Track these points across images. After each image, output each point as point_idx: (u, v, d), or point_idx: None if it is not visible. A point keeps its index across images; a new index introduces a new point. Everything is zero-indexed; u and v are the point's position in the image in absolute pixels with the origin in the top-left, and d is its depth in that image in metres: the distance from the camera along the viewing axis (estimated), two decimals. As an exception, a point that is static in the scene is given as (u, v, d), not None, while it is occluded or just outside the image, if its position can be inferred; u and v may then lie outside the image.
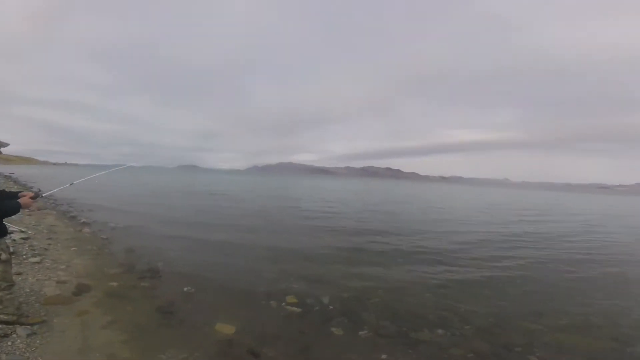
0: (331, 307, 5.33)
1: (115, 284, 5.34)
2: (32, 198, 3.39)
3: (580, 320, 5.47)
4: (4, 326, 3.42)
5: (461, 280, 7.15)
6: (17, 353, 3.10)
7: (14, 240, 6.74)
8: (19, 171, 47.01)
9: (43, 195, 3.71)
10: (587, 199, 79.00)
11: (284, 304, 5.29)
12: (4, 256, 3.47)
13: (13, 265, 5.29)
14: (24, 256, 5.93)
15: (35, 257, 5.97)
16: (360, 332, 4.57)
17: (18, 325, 3.50)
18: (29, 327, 3.55)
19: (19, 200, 3.30)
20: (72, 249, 7.15)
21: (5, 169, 49.06)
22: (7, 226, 3.47)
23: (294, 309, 5.15)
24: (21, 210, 3.35)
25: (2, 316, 3.44)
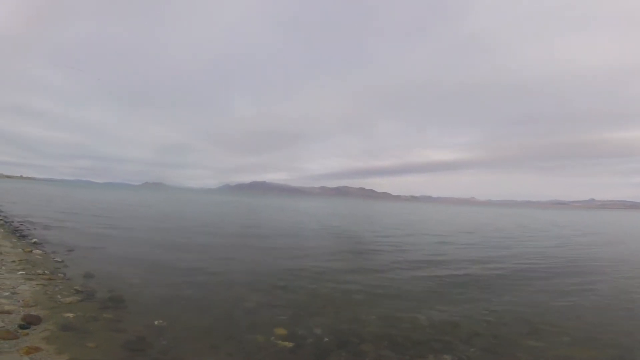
0: (326, 339, 4.78)
1: (71, 315, 4.51)
2: None
3: (579, 333, 5.49)
4: None
5: (452, 302, 6.88)
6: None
7: (-53, 261, 5.72)
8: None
9: None
10: (549, 214, 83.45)
11: (272, 337, 4.67)
12: None
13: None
14: (-42, 280, 4.97)
15: (-27, 281, 5.02)
16: (363, 365, 4.08)
17: None
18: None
19: None
20: (20, 272, 6.18)
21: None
22: None
23: (285, 343, 4.54)
24: None
25: None
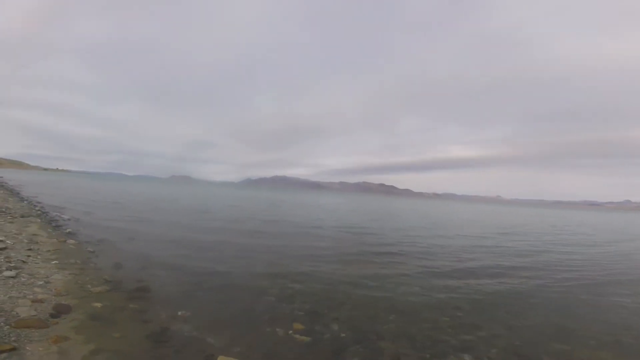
0: (342, 334, 4.75)
1: (99, 304, 4.68)
2: None
3: (606, 337, 5.25)
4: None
5: (475, 300, 6.71)
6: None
7: (-11, 250, 6.06)
8: (8, 175, 45.60)
9: None
10: (582, 216, 79.66)
11: (290, 331, 4.69)
12: None
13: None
14: (-2, 269, 5.24)
15: (11, 270, 5.29)
16: (380, 363, 4.02)
17: None
18: (-7, 356, 2.92)
19: None
20: (53, 262, 6.47)
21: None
22: None
23: (303, 337, 4.55)
24: None
25: None
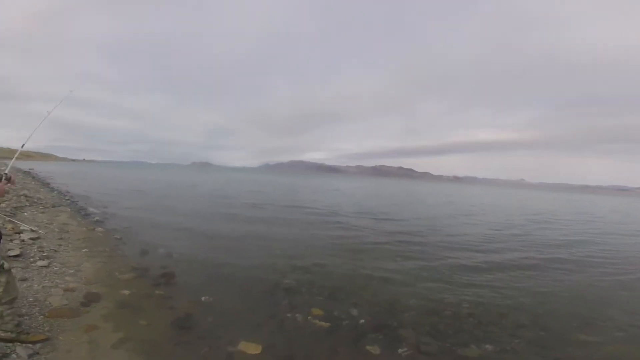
0: (362, 321, 4.76)
1: (127, 292, 4.86)
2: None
3: (635, 330, 5.06)
4: (3, 345, 2.94)
5: (498, 289, 6.54)
6: (16, 378, 2.60)
7: (23, 240, 6.36)
8: (39, 167, 47.82)
9: (5, 172, 3.15)
10: (612, 201, 76.33)
11: (310, 317, 4.74)
12: (6, 265, 3.01)
13: (19, 269, 4.89)
14: (32, 259, 5.51)
15: (44, 260, 5.55)
16: (400, 350, 4.02)
17: (18, 344, 3.02)
18: (30, 346, 3.07)
19: None
20: (83, 250, 6.74)
21: (25, 165, 49.97)
22: (18, 224, 3.04)
23: (322, 323, 4.59)
24: None
25: (0, 333, 2.97)
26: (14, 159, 3.95)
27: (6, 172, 3.16)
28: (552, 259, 9.42)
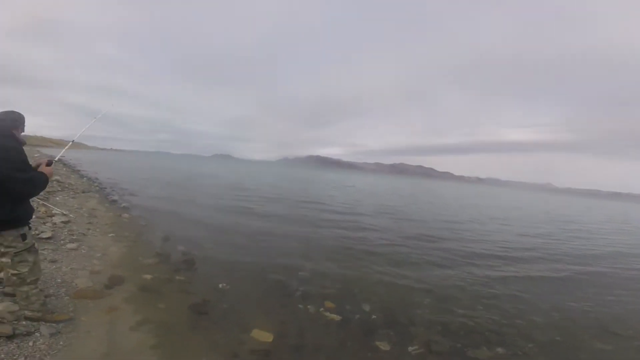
0: (374, 316, 4.80)
1: (149, 276, 5.08)
2: (47, 165, 3.06)
3: None
4: (28, 323, 3.14)
5: (515, 291, 6.44)
6: (37, 356, 2.80)
7: (55, 223, 6.72)
8: (69, 155, 50.18)
9: (55, 159, 3.37)
10: None
11: (321, 309, 4.82)
12: (36, 245, 3.20)
13: (50, 251, 5.19)
14: (62, 241, 5.84)
15: (73, 242, 5.87)
16: (410, 348, 4.04)
17: (43, 323, 3.21)
18: (54, 325, 3.26)
19: (41, 171, 2.96)
20: (110, 235, 7.07)
21: (57, 152, 52.39)
22: (51, 208, 3.23)
23: (333, 316, 4.66)
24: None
25: (27, 312, 3.17)
26: (64, 149, 4.55)
27: (56, 159, 3.41)
28: (578, 270, 8.84)
